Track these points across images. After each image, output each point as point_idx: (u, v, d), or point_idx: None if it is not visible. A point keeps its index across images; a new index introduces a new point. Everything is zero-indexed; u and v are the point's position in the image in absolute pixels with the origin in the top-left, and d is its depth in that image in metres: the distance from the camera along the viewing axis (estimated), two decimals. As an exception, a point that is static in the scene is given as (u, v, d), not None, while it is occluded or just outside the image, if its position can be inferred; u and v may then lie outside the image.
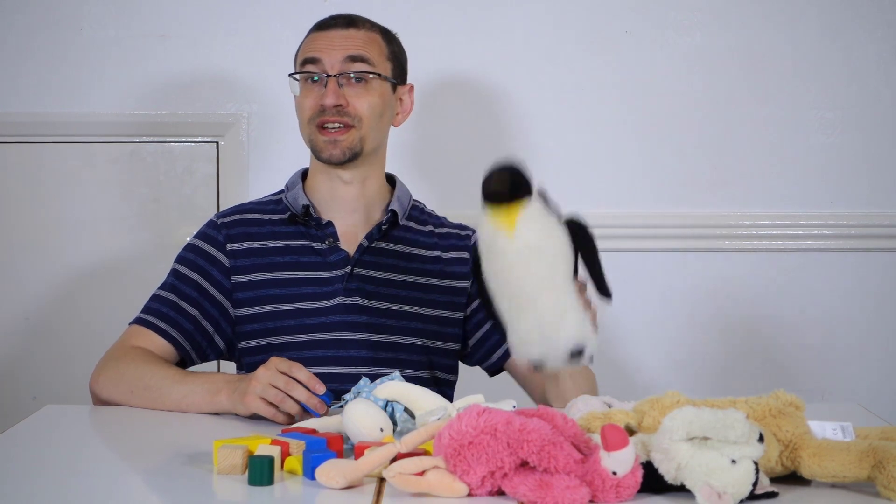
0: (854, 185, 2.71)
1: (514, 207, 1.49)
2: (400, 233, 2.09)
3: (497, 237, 1.51)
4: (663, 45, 2.69)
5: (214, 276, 2.03)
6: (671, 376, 2.71)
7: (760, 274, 2.71)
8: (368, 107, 2.01)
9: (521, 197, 1.50)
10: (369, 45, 2.04)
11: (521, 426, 1.31)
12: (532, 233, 1.51)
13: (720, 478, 1.27)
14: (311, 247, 2.04)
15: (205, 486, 1.42)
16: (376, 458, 1.36)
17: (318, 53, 2.02)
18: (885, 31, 2.70)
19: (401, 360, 2.01)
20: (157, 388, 1.87)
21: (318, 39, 2.05)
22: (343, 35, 2.04)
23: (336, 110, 1.99)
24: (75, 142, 2.67)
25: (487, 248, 1.53)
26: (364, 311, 2.02)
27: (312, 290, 2.02)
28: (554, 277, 1.53)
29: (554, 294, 1.54)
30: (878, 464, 1.33)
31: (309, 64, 2.03)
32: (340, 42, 2.03)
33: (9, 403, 2.63)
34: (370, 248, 2.05)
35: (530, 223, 1.51)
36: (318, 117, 2.00)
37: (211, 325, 2.01)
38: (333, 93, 1.99)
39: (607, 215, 2.69)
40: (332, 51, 2.02)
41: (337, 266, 2.03)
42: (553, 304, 1.54)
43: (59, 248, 2.66)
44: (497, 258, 1.53)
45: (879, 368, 2.73)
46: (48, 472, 1.49)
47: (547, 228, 1.53)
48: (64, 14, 2.65)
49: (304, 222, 2.05)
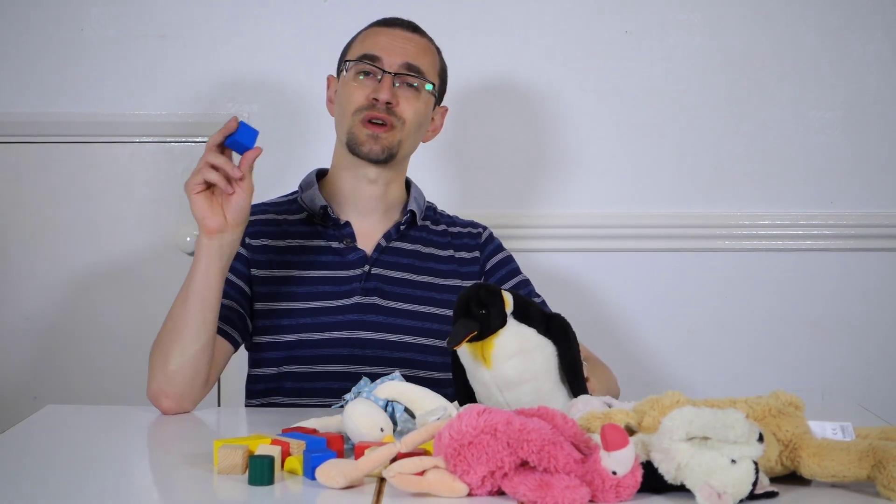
0: (854, 185, 2.71)
1: (489, 342, 1.56)
2: (416, 233, 2.10)
3: (477, 367, 1.57)
4: (663, 45, 2.69)
5: (237, 268, 2.02)
6: (671, 376, 2.71)
7: (760, 274, 2.71)
8: (415, 113, 2.02)
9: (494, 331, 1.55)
10: (427, 55, 2.06)
11: (521, 426, 1.31)
12: (509, 369, 1.56)
13: (720, 478, 1.27)
14: (329, 246, 2.05)
15: (205, 486, 1.42)
16: (376, 458, 1.36)
17: (379, 51, 2.02)
18: (885, 31, 2.70)
19: (416, 361, 2.02)
20: (172, 315, 1.85)
21: (380, 35, 2.05)
22: (406, 37, 2.05)
23: (387, 107, 2.00)
24: (75, 142, 2.67)
25: (470, 370, 1.60)
26: (381, 311, 2.02)
27: (330, 289, 2.02)
28: (539, 396, 1.57)
29: None
30: (878, 464, 1.33)
31: (367, 58, 2.02)
32: (402, 44, 2.04)
33: (9, 403, 2.63)
34: (388, 248, 2.06)
35: (507, 349, 1.56)
36: (365, 110, 2.00)
37: (243, 309, 2.01)
38: (389, 89, 2.00)
39: (607, 215, 2.69)
40: (393, 51, 2.02)
41: (355, 265, 2.04)
42: None
43: (59, 248, 2.66)
44: (480, 385, 1.59)
45: (879, 368, 2.73)
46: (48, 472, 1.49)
47: (524, 353, 1.57)
48: (64, 14, 2.65)
49: (321, 222, 2.06)
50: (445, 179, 2.69)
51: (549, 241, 2.69)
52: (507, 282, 2.11)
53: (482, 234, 2.16)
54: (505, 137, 2.70)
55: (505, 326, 1.56)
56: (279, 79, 2.67)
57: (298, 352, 2.00)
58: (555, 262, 2.69)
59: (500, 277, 2.11)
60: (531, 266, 2.34)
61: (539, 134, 2.69)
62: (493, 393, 1.57)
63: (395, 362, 2.00)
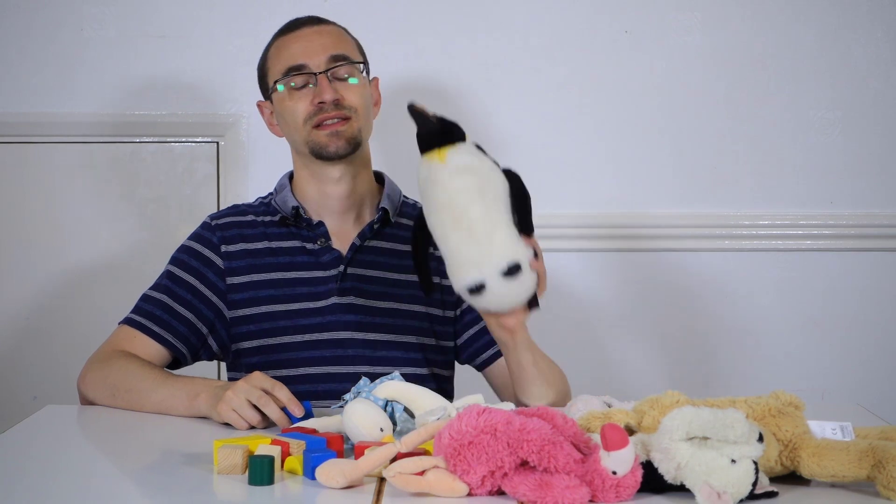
0: (854, 185, 2.71)
1: (446, 147, 1.66)
2: (392, 230, 2.09)
3: (430, 170, 1.66)
4: (663, 45, 2.69)
5: (209, 278, 2.02)
6: (671, 376, 2.71)
7: (760, 274, 2.71)
8: (361, 97, 2.01)
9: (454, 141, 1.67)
10: (343, 39, 2.05)
11: (521, 426, 1.31)
12: (462, 156, 1.67)
13: (720, 477, 1.27)
14: (304, 247, 2.04)
15: (205, 486, 1.42)
16: (376, 458, 1.36)
17: (300, 58, 2.01)
18: (885, 31, 2.70)
19: (398, 358, 2.01)
20: (139, 391, 1.87)
21: (293, 43, 2.03)
22: (316, 31, 2.03)
23: (334, 105, 1.99)
24: (75, 142, 2.67)
25: (424, 188, 1.68)
26: (359, 310, 2.02)
27: (307, 291, 2.02)
28: (484, 194, 1.67)
29: (484, 207, 1.67)
30: (878, 464, 1.33)
31: (293, 70, 2.00)
32: (317, 39, 2.02)
33: (9, 403, 2.63)
34: (363, 248, 2.05)
35: (462, 153, 1.67)
36: (314, 116, 1.99)
37: (206, 326, 2.01)
38: (328, 88, 1.98)
39: (607, 215, 2.69)
40: (313, 51, 2.01)
41: (330, 266, 2.03)
42: (483, 215, 1.65)
43: (58, 248, 2.66)
44: (431, 188, 1.67)
45: (879, 368, 2.73)
46: (48, 472, 1.49)
47: (478, 157, 1.68)
48: (64, 14, 2.64)
49: (295, 224, 2.05)
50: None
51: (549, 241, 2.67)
52: None
53: None
54: (504, 137, 2.69)
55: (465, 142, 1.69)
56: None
57: (280, 355, 2.00)
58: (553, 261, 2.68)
59: None
60: (531, 266, 2.34)
61: (538, 134, 2.69)
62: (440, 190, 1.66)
63: (377, 361, 1.99)
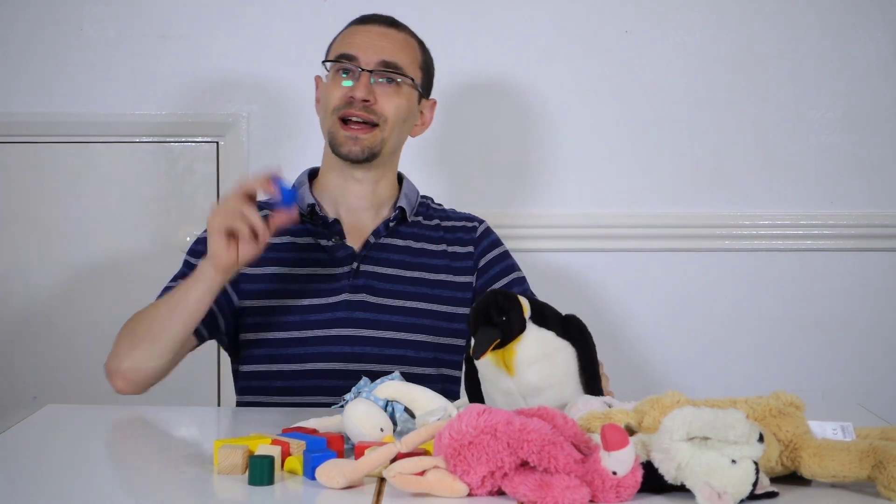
0: (853, 185, 2.71)
1: (510, 349, 1.52)
2: (407, 229, 2.09)
3: (499, 375, 1.54)
4: (663, 45, 2.69)
5: None
6: (671, 376, 2.71)
7: (760, 274, 2.71)
8: (395, 108, 2.01)
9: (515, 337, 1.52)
10: (405, 50, 2.05)
11: (522, 426, 1.31)
12: (533, 374, 1.53)
13: (720, 478, 1.27)
14: (318, 243, 2.05)
15: (205, 486, 1.42)
16: (376, 458, 1.36)
17: (354, 50, 2.02)
18: (885, 31, 2.70)
19: (407, 357, 2.01)
20: (156, 316, 1.88)
21: (356, 34, 2.04)
22: (382, 33, 2.04)
23: (363, 105, 1.99)
24: (75, 142, 2.67)
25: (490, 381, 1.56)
26: (370, 308, 2.02)
27: (318, 287, 2.02)
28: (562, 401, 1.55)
29: None
30: (879, 464, 1.33)
31: (344, 58, 2.02)
32: (378, 41, 2.03)
33: (9, 403, 2.63)
34: (377, 245, 2.06)
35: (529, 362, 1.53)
36: (343, 109, 2.00)
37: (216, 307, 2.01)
38: (365, 87, 1.99)
39: (607, 215, 2.69)
40: (368, 49, 2.01)
41: (343, 263, 2.03)
42: None
43: (59, 248, 2.66)
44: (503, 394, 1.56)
45: (879, 368, 2.73)
46: (48, 472, 1.49)
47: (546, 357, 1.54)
48: (64, 14, 2.65)
49: (310, 220, 2.06)
50: (445, 179, 2.68)
51: (549, 241, 2.69)
52: (500, 280, 2.09)
53: (477, 229, 2.14)
54: (505, 137, 2.69)
55: (525, 331, 1.53)
56: (279, 79, 2.66)
57: (288, 349, 2.00)
58: (554, 261, 2.69)
59: (493, 275, 2.09)
60: (530, 266, 2.34)
61: (539, 133, 2.69)
62: (517, 401, 1.54)
63: (387, 359, 1.99)
